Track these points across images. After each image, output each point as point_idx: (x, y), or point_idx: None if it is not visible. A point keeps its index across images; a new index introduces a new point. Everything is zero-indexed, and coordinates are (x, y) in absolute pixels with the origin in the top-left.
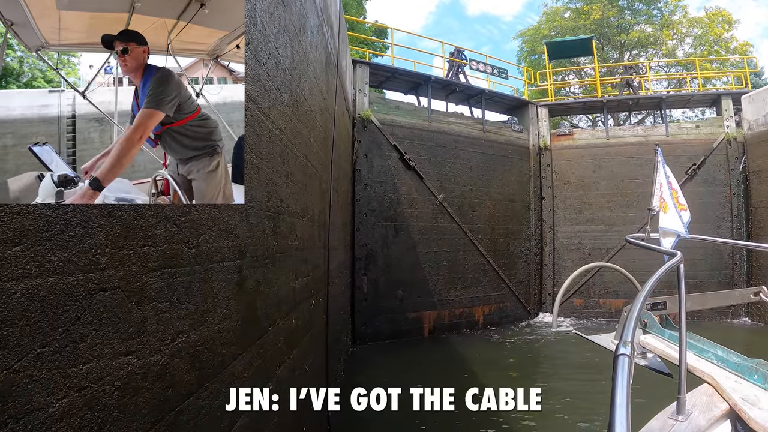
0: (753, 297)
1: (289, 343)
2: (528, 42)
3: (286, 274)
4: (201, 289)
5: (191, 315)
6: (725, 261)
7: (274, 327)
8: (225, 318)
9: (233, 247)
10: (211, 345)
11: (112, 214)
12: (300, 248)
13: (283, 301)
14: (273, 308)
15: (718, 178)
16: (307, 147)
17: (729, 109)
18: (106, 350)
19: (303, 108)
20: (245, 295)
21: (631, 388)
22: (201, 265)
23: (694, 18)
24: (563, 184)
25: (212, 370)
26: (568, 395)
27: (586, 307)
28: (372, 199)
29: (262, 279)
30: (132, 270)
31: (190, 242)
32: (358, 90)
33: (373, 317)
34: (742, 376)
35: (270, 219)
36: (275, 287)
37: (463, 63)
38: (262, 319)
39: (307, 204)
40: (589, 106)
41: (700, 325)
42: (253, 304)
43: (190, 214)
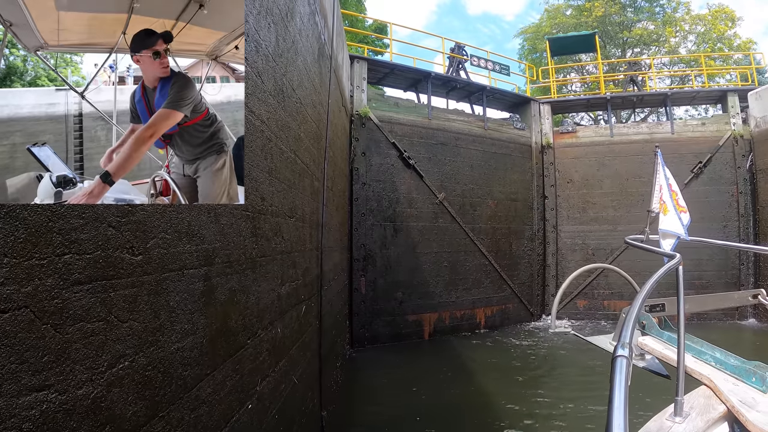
0: (752, 299)
1: (274, 354)
2: (529, 40)
3: (270, 280)
4: (151, 303)
5: (137, 334)
6: (732, 261)
7: (255, 339)
8: (186, 334)
9: (197, 252)
10: (166, 368)
11: (13, 214)
12: (287, 251)
13: (265, 310)
14: (253, 319)
15: (725, 176)
16: (296, 142)
17: (735, 106)
18: (6, 387)
19: (291, 100)
20: (215, 307)
21: (629, 389)
22: (150, 274)
23: (697, 15)
24: (566, 182)
25: (169, 396)
26: (575, 401)
27: (589, 308)
28: (370, 198)
29: (238, 287)
30: (46, 284)
31: (135, 248)
32: (355, 86)
33: (371, 320)
34: (740, 379)
35: (248, 219)
36: (255, 295)
37: (464, 59)
38: (239, 332)
39: (296, 203)
40: (592, 103)
41: (706, 326)
42: (225, 317)
43: (134, 214)
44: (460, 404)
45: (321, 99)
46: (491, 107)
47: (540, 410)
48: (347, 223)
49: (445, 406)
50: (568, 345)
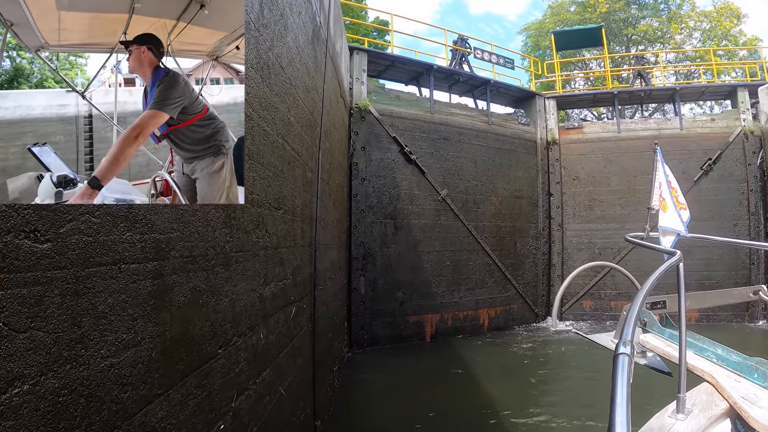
0: (752, 296)
1: (255, 364)
2: (532, 37)
3: (250, 279)
4: (67, 306)
5: (44, 348)
6: (742, 261)
7: (229, 348)
8: (125, 347)
9: (142, 242)
10: (92, 391)
11: None
12: (273, 246)
13: (243, 314)
14: (225, 324)
15: (735, 173)
16: (285, 126)
17: (745, 102)
18: None
19: (278, 78)
20: (169, 311)
21: (630, 386)
22: (66, 269)
23: (702, 12)
24: (572, 179)
25: (98, 427)
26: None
27: (596, 309)
28: (370, 194)
29: (205, 287)
30: None
31: (40, 232)
32: (355, 78)
33: (371, 321)
34: (742, 375)
35: (220, 208)
36: (229, 297)
37: (467, 52)
38: (206, 340)
39: (284, 194)
40: (599, 98)
41: (716, 328)
42: (186, 323)
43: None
44: (462, 410)
45: (315, 85)
46: (495, 102)
47: (549, 418)
48: (346, 219)
49: (447, 413)
50: (574, 347)
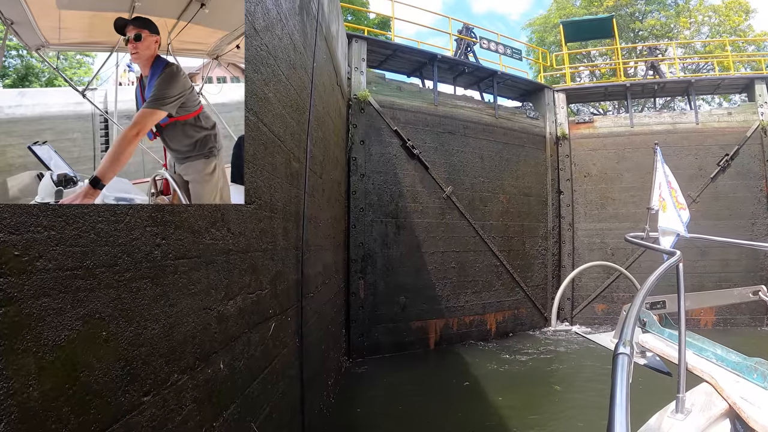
0: (752, 296)
1: (210, 404)
2: (537, 32)
3: (199, 294)
4: None
5: None
6: (761, 262)
7: (163, 392)
8: None
9: None
10: None
11: None
12: (239, 249)
13: (188, 342)
14: (155, 360)
15: (753, 169)
16: (258, 102)
17: (763, 95)
18: None
19: (252, 44)
20: (36, 355)
21: (630, 386)
22: None
23: (710, 6)
24: (583, 176)
25: None
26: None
27: (608, 313)
28: (370, 191)
29: (111, 312)
30: None
31: None
32: (354, 68)
33: (371, 327)
34: (742, 375)
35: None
36: (162, 322)
37: (473, 41)
38: (115, 389)
39: (258, 184)
40: (610, 91)
41: (733, 332)
42: (72, 369)
43: None
44: (467, 423)
45: (304, 62)
46: (502, 95)
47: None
48: (344, 218)
49: (452, 428)
50: (588, 351)
